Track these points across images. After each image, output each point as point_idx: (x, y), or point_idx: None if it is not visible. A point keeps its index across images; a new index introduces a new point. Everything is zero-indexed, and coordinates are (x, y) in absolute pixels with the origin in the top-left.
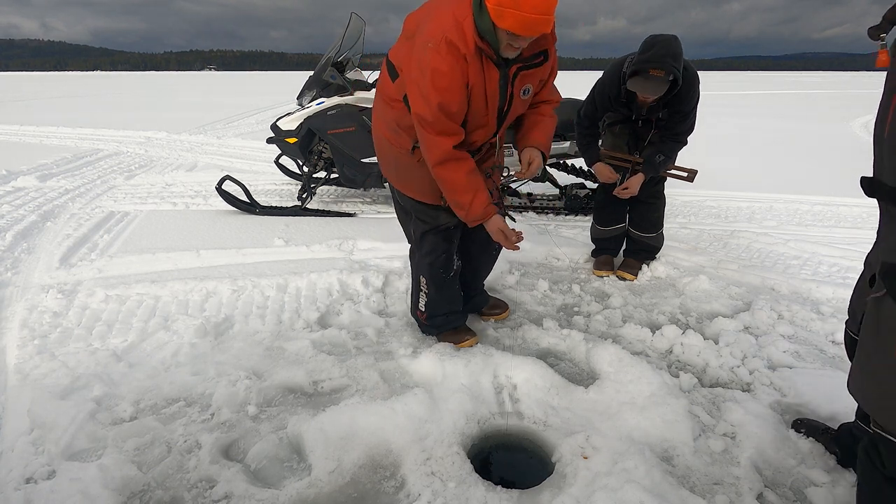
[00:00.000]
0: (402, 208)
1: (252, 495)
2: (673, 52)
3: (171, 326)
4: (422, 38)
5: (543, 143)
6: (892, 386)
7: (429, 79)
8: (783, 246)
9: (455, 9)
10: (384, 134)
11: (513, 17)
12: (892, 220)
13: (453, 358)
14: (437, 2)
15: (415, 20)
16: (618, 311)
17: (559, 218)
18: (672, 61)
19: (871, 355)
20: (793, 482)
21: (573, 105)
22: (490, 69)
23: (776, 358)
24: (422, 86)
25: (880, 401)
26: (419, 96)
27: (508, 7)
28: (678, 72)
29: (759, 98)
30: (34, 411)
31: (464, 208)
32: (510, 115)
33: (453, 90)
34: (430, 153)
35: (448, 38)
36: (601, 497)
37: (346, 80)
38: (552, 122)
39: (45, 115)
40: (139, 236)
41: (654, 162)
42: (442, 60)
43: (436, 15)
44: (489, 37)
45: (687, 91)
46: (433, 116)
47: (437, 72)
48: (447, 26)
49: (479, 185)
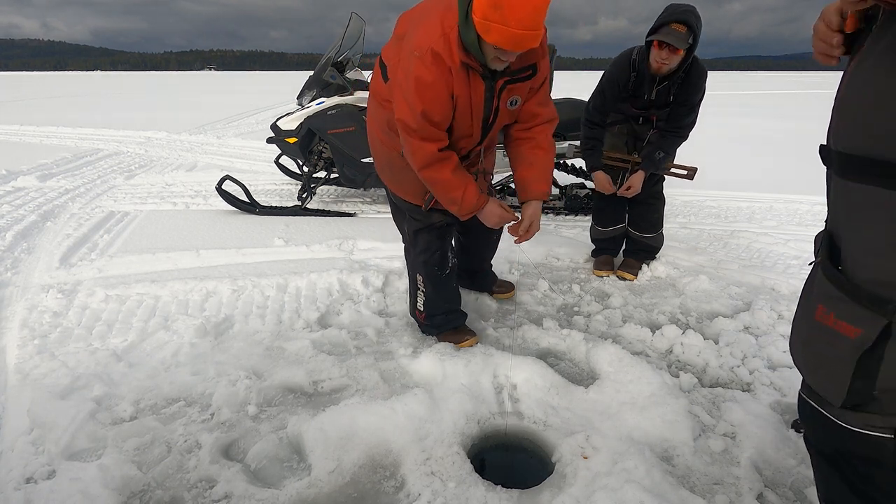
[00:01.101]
0: (397, 207)
1: (252, 495)
2: (694, 12)
3: (171, 326)
4: (410, 44)
5: (544, 193)
6: (813, 346)
7: (413, 87)
8: (783, 246)
9: (444, 17)
10: (377, 135)
11: (499, 32)
12: (832, 188)
13: (453, 358)
14: (430, 4)
15: (406, 21)
16: (618, 311)
17: (559, 218)
18: (693, 18)
19: (801, 317)
20: (793, 482)
21: (573, 105)
22: (476, 81)
23: (776, 358)
24: (406, 92)
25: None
26: (403, 102)
27: (495, 22)
28: (697, 32)
29: (760, 98)
30: (34, 411)
31: (457, 203)
32: (496, 126)
33: (437, 100)
34: (414, 158)
35: (434, 49)
36: (601, 497)
37: (346, 80)
38: (551, 155)
39: (45, 115)
40: (139, 236)
41: (654, 158)
42: (427, 71)
43: (426, 21)
44: (473, 50)
45: (696, 80)
46: (417, 124)
47: (421, 81)
48: (434, 36)
49: (468, 179)
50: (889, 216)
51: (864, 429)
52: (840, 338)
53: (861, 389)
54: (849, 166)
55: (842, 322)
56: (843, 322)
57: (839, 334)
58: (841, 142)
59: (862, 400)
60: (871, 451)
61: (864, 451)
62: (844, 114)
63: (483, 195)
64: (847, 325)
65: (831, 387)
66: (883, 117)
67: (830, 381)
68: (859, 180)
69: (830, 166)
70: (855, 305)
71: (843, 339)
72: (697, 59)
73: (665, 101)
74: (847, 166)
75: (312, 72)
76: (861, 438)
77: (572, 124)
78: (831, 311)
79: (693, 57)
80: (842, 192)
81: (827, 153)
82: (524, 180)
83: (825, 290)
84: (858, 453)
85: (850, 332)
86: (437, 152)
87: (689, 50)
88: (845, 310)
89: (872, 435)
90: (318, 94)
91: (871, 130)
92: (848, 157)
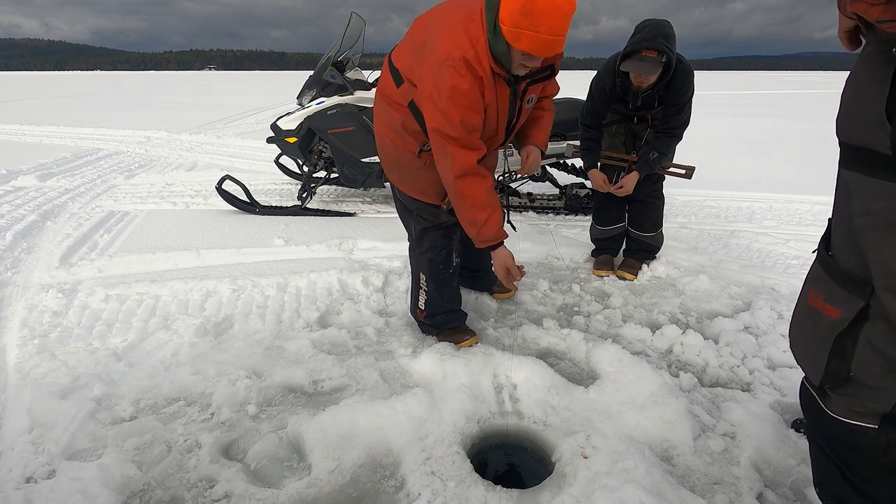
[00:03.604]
0: (404, 205)
1: (252, 495)
2: (664, 32)
3: (171, 326)
4: (435, 55)
5: (542, 142)
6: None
7: (447, 97)
8: (783, 246)
9: (467, 25)
10: (387, 135)
11: (529, 38)
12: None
13: (453, 358)
14: (446, 10)
15: (422, 28)
16: (618, 310)
17: (559, 218)
18: (664, 41)
19: (798, 303)
20: (793, 482)
21: (572, 105)
22: (502, 87)
23: (776, 358)
24: (439, 103)
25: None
26: (437, 112)
27: (526, 29)
28: (671, 53)
29: (760, 98)
30: (34, 411)
31: (477, 226)
32: (517, 126)
33: (472, 107)
34: (454, 165)
35: (465, 58)
36: (601, 497)
37: (346, 80)
38: (550, 116)
39: (45, 115)
40: (139, 236)
41: (648, 159)
42: (462, 79)
43: (447, 30)
44: (503, 58)
45: (682, 83)
46: (457, 132)
47: (458, 90)
48: (464, 45)
49: (496, 205)
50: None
51: (847, 417)
52: (822, 318)
53: (837, 369)
54: (843, 155)
55: (828, 305)
56: (828, 305)
57: (822, 314)
58: (840, 132)
59: (838, 380)
60: (854, 439)
61: (849, 438)
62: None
63: (503, 231)
64: (831, 308)
65: (811, 365)
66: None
67: (811, 360)
68: (847, 167)
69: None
70: (838, 287)
71: (824, 319)
72: (682, 60)
73: (653, 104)
74: (842, 155)
75: (312, 71)
76: (845, 427)
77: (571, 124)
78: (820, 295)
79: (677, 60)
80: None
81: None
82: (527, 131)
83: (816, 275)
84: (844, 441)
85: (832, 312)
86: (476, 164)
87: (666, 64)
88: (830, 291)
89: (855, 424)
90: (318, 94)
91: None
92: (843, 145)
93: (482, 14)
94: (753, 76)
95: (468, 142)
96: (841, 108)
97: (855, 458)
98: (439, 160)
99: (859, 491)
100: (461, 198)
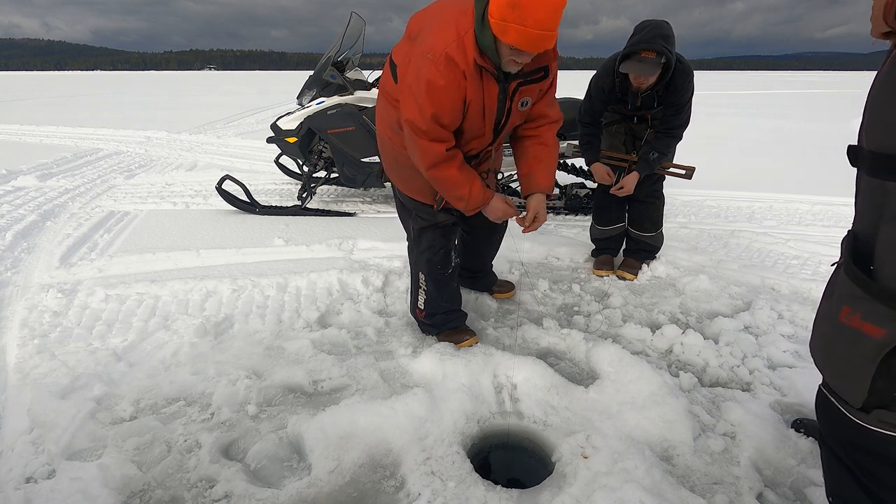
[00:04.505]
0: (403, 205)
1: (252, 495)
2: (663, 33)
3: (171, 326)
4: (422, 46)
5: (548, 186)
6: (835, 346)
7: (424, 90)
8: (783, 246)
9: (458, 20)
10: (386, 133)
11: (517, 32)
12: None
13: (453, 358)
14: (443, 6)
15: (419, 21)
16: (618, 310)
17: (559, 218)
18: (663, 42)
19: (823, 318)
20: (793, 482)
21: (572, 104)
22: (489, 84)
23: (776, 358)
24: (416, 94)
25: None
26: (413, 103)
27: (512, 22)
28: (670, 54)
29: (760, 98)
30: (34, 411)
31: (463, 199)
32: (507, 127)
33: (447, 104)
34: (423, 158)
35: (448, 54)
36: (601, 497)
37: (346, 80)
38: (555, 153)
39: (45, 115)
40: (139, 236)
41: (648, 160)
42: (439, 75)
43: (439, 23)
44: (490, 52)
45: (681, 83)
46: (427, 125)
47: (433, 85)
48: (448, 39)
49: (472, 175)
50: None
51: (881, 427)
52: (864, 338)
53: (882, 390)
54: (877, 165)
55: (867, 323)
56: (868, 323)
57: (863, 334)
58: (871, 141)
59: (882, 401)
60: (882, 447)
61: (874, 446)
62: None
63: (488, 190)
64: (872, 326)
65: (850, 386)
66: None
67: (851, 382)
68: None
69: (861, 166)
70: (881, 306)
71: (866, 340)
72: (681, 60)
73: (653, 104)
74: (877, 165)
75: (312, 71)
76: (872, 435)
77: (571, 124)
78: (857, 312)
79: (676, 61)
80: (871, 192)
81: (856, 153)
82: (529, 174)
83: (849, 291)
84: (867, 448)
85: (875, 332)
86: (445, 152)
87: (665, 65)
88: (871, 310)
89: (883, 433)
90: (318, 94)
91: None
92: (878, 155)
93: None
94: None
95: (437, 135)
96: (869, 115)
97: (878, 466)
98: (410, 150)
99: (876, 498)
100: (438, 183)
